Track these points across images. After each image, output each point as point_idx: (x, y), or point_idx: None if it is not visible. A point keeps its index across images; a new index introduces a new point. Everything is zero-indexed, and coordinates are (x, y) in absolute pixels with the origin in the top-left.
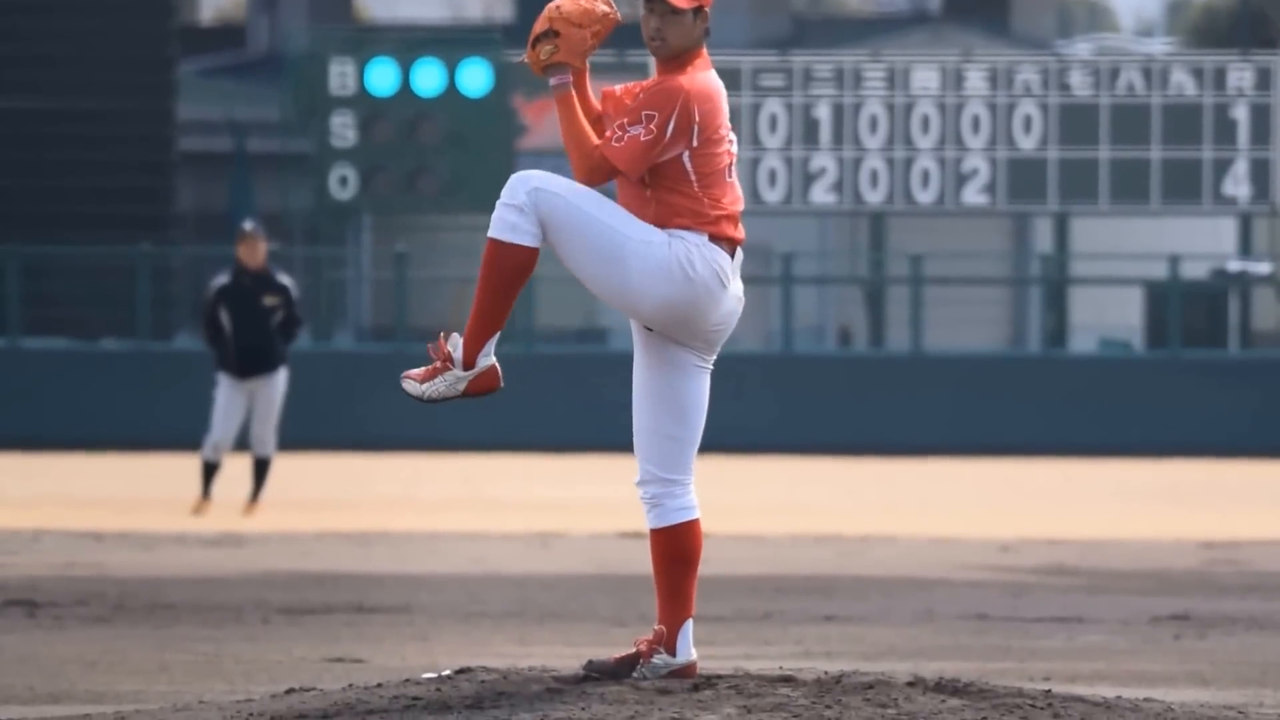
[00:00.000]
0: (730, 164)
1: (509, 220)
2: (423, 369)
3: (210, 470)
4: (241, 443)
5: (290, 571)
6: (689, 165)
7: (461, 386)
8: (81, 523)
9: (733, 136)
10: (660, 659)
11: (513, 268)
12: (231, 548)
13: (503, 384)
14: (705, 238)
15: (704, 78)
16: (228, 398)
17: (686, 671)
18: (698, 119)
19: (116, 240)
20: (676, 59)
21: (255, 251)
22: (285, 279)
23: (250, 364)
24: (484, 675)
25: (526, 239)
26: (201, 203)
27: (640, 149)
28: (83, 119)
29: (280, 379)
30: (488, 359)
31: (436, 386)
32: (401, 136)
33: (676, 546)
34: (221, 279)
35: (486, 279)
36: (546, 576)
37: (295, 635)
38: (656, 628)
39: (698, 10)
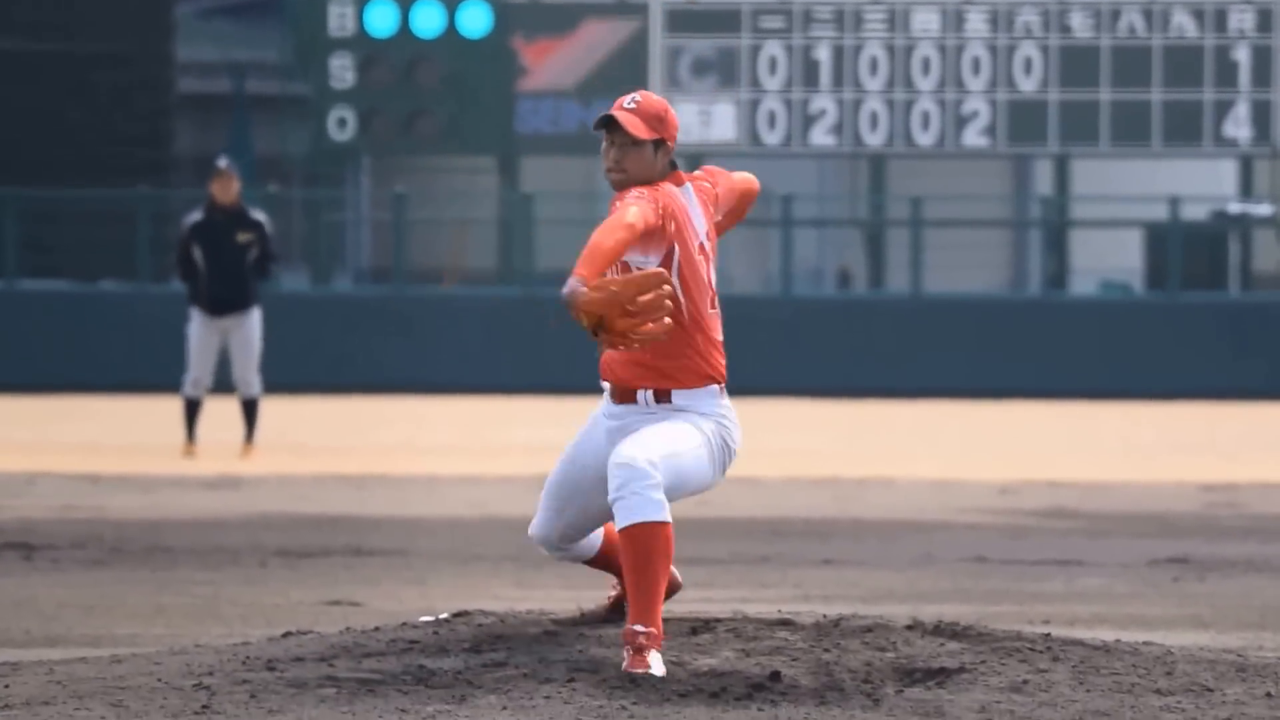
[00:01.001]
0: (708, 269)
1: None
2: None
3: (193, 409)
4: (228, 385)
5: (288, 514)
6: (681, 293)
7: None
8: (79, 466)
9: (706, 243)
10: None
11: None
12: (229, 491)
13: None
14: (716, 390)
15: (671, 190)
16: (200, 333)
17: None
18: (674, 221)
19: (115, 183)
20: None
21: (228, 188)
22: (259, 215)
23: (222, 302)
24: (481, 619)
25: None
26: (200, 145)
27: (641, 205)
28: (81, 62)
29: (254, 319)
30: None
31: None
32: (400, 78)
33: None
34: (195, 216)
35: None
36: None
37: (292, 578)
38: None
39: (659, 143)
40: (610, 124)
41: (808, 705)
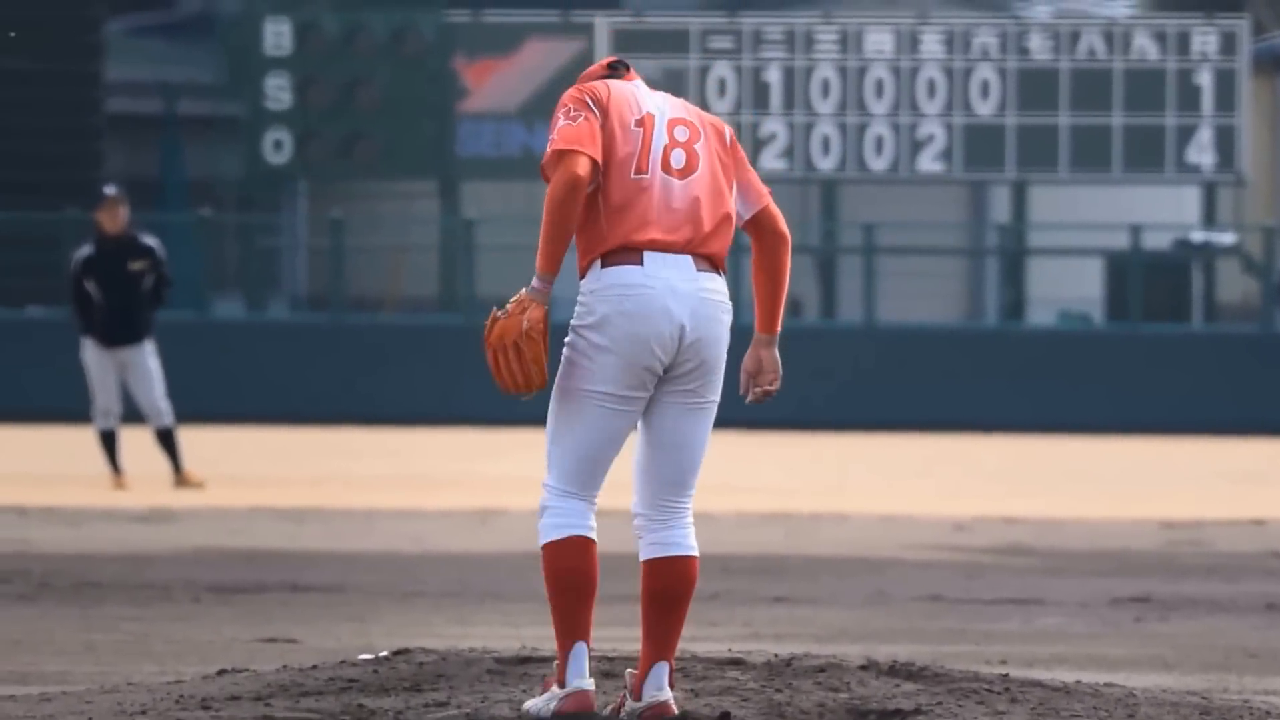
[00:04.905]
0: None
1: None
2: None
3: (109, 440)
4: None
5: (221, 549)
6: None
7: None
8: (4, 498)
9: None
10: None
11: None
12: (161, 524)
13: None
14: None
15: (597, 83)
16: (97, 363)
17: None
18: (597, 102)
19: (43, 206)
20: None
21: (115, 217)
22: (151, 240)
23: (116, 334)
24: (422, 657)
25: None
26: (131, 167)
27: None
28: (6, 81)
29: (146, 350)
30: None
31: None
32: (339, 100)
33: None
34: (85, 250)
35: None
36: (485, 555)
37: (226, 615)
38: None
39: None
40: None
41: None
